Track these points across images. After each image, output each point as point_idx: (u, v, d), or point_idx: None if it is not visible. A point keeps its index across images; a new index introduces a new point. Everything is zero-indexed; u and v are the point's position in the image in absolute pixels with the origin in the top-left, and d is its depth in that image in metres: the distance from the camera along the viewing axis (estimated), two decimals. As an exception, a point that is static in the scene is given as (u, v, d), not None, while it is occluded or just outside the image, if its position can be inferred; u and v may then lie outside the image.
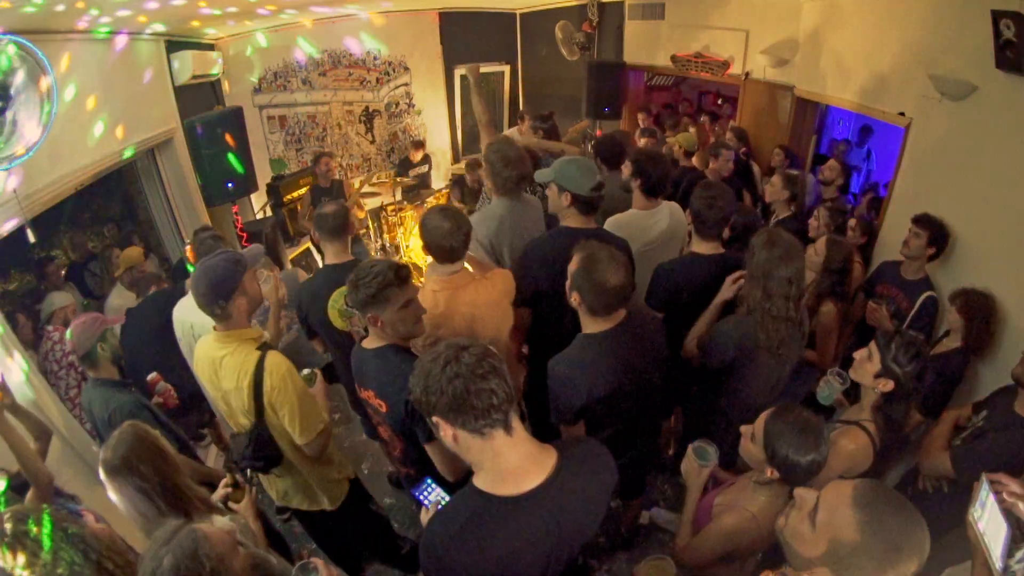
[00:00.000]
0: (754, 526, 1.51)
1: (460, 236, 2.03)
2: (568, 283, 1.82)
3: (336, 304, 2.42)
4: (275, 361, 1.83)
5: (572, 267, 1.79)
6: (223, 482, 1.75)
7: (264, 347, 1.86)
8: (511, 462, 1.13)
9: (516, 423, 1.12)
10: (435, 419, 1.12)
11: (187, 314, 2.41)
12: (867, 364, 1.79)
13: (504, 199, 2.57)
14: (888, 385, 1.74)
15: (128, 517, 1.49)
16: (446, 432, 1.11)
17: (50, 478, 1.76)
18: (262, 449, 1.91)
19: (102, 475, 1.46)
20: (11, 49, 2.13)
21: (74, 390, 2.95)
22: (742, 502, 1.58)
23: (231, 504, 1.72)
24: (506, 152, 2.49)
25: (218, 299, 1.78)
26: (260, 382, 1.80)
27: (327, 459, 2.12)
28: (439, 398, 1.07)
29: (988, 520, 1.28)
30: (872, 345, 1.80)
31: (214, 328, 1.88)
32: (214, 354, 1.86)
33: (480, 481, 1.16)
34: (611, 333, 1.82)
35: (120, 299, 3.45)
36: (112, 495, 1.47)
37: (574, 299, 1.81)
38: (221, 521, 1.47)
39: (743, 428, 1.59)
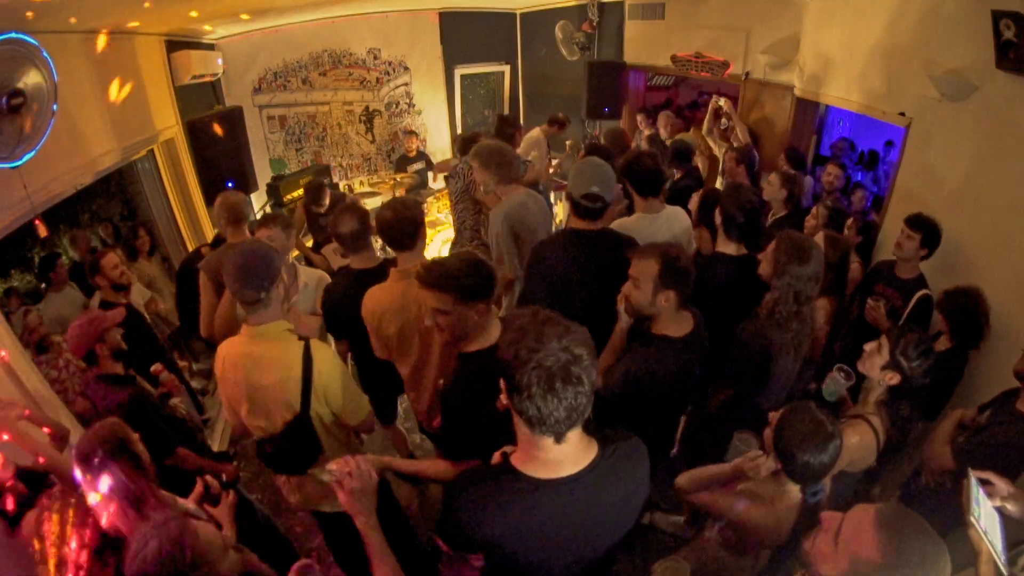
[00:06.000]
0: (761, 512, 1.53)
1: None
2: (652, 288, 1.79)
3: None
4: (323, 349, 1.83)
5: (654, 270, 1.77)
6: (196, 488, 1.73)
7: (303, 337, 1.85)
8: (550, 456, 1.12)
9: (570, 434, 1.08)
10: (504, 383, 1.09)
11: None
12: (875, 356, 1.79)
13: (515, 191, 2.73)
14: (895, 378, 1.74)
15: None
16: (505, 398, 1.10)
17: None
18: (302, 444, 1.86)
19: (75, 466, 1.46)
20: (26, 49, 2.15)
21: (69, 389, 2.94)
22: (759, 490, 1.59)
23: (206, 507, 1.69)
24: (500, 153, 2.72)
25: (264, 282, 1.73)
26: (310, 372, 1.78)
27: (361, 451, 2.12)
28: (521, 378, 1.02)
29: (985, 516, 1.28)
30: (883, 337, 1.80)
31: (244, 323, 1.82)
32: (247, 349, 1.80)
33: (516, 457, 1.17)
34: (690, 338, 1.89)
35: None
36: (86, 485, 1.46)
37: (662, 300, 1.79)
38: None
39: (771, 415, 1.61)
